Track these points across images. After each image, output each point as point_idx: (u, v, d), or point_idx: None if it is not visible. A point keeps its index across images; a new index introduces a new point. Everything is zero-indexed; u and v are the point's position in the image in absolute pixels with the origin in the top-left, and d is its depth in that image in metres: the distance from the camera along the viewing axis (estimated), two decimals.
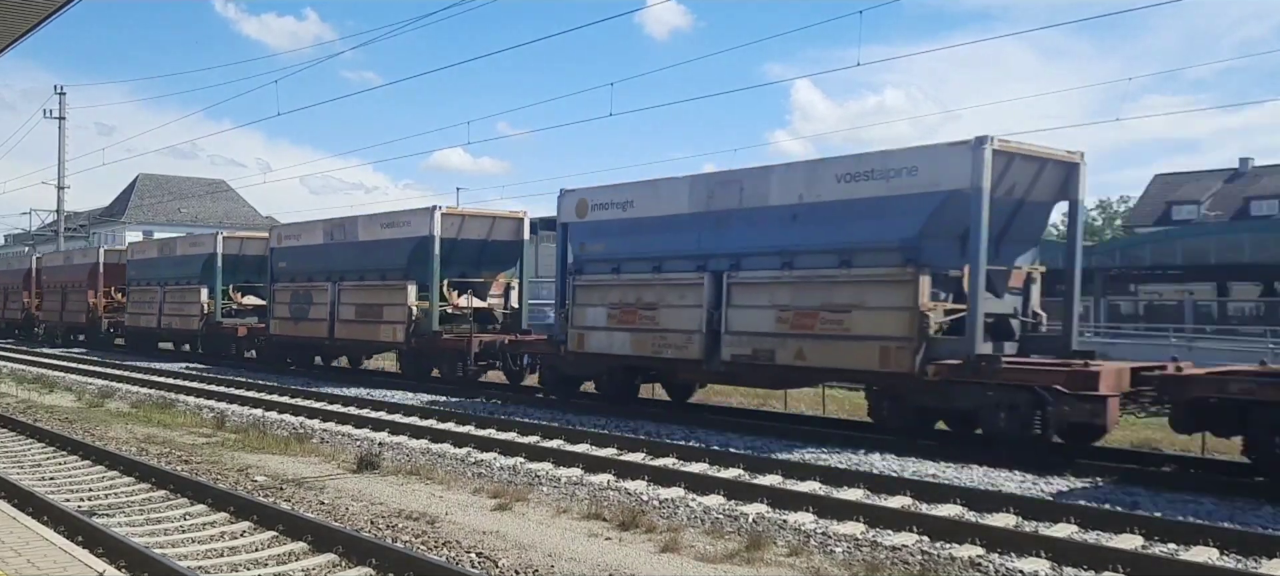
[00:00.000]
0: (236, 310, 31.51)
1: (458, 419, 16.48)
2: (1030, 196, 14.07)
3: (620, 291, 17.70)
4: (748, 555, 8.14)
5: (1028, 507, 9.67)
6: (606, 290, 17.91)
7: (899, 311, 13.55)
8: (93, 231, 76.52)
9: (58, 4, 10.68)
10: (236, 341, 30.48)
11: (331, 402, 18.95)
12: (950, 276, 13.71)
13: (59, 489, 10.63)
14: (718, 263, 16.15)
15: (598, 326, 17.98)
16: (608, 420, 16.37)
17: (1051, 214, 15.20)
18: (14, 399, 19.97)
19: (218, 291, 31.07)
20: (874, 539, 8.70)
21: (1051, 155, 13.98)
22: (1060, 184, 14.31)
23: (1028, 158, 13.62)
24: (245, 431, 15.12)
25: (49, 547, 6.96)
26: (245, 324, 30.30)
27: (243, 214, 76.97)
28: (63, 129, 52.72)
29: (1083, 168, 14.14)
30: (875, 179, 14.10)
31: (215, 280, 31.10)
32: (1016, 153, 13.37)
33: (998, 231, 13.68)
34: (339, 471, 11.89)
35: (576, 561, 7.93)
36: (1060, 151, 14.09)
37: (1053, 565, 7.88)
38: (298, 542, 8.16)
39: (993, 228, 13.29)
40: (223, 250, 31.34)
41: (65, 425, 15.64)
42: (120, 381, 23.73)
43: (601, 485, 11.10)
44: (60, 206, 55.31)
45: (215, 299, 31.06)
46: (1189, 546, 8.43)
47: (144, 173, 79.15)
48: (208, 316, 31.11)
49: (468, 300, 22.96)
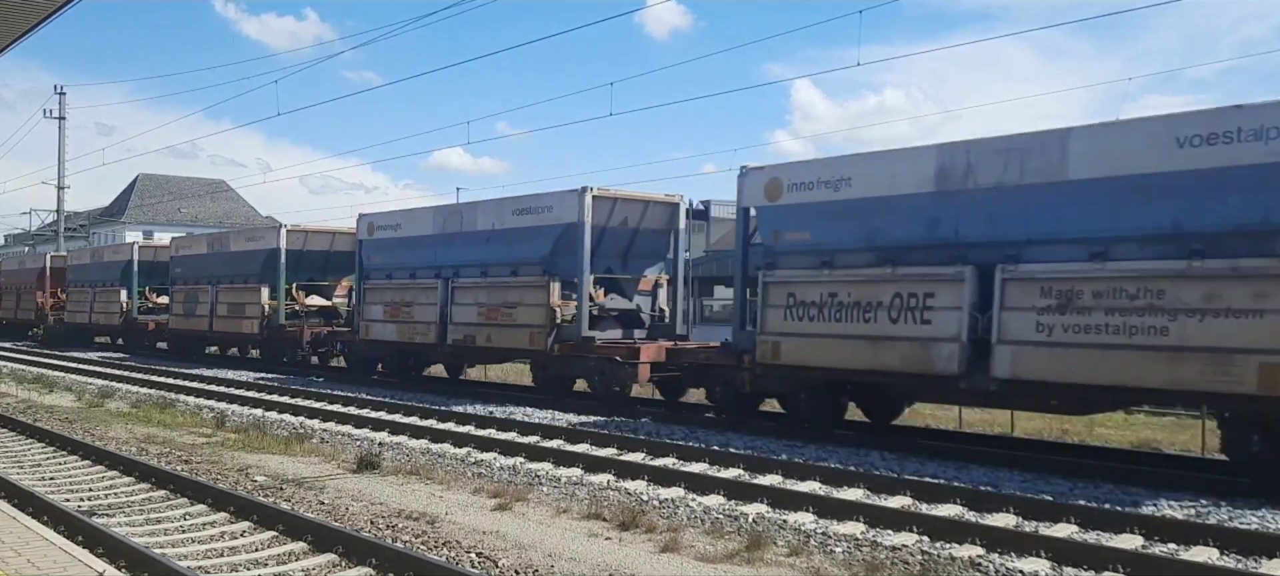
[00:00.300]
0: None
1: (457, 419, 16.48)
2: (643, 226, 19.47)
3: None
4: (748, 555, 8.14)
5: (1028, 507, 9.67)
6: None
7: (539, 307, 19.08)
8: (93, 231, 76.54)
9: (58, 4, 10.68)
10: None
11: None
12: (573, 282, 18.82)
13: (59, 489, 10.63)
14: None
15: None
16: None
17: (669, 238, 19.85)
18: (14, 399, 19.97)
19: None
20: (874, 539, 8.70)
21: (652, 198, 19.72)
22: (668, 217, 19.68)
23: (629, 200, 19.28)
24: (245, 431, 15.12)
25: (49, 547, 6.96)
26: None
27: (242, 214, 76.98)
28: (63, 129, 52.74)
29: (681, 206, 19.64)
30: (530, 213, 19.61)
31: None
32: (618, 197, 19.06)
33: (622, 249, 19.49)
34: (339, 471, 11.90)
35: (576, 561, 7.93)
36: (659, 195, 19.87)
37: (1053, 565, 7.88)
38: (298, 542, 8.16)
39: (615, 248, 19.29)
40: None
41: (65, 425, 15.64)
42: (120, 381, 23.73)
43: (601, 485, 11.10)
44: (60, 206, 55.31)
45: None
46: (1189, 546, 8.43)
47: (144, 173, 79.16)
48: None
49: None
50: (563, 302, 18.98)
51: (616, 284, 19.62)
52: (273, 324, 27.76)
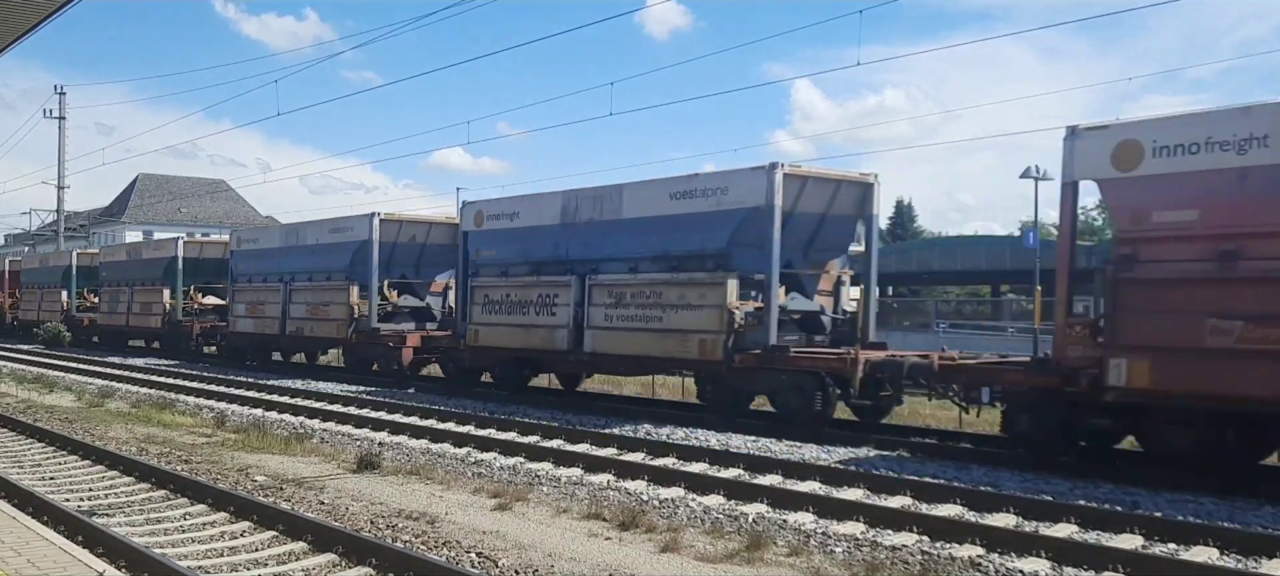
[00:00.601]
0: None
1: (458, 419, 16.47)
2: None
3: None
4: (748, 555, 8.14)
5: (1028, 507, 9.67)
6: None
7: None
8: (92, 231, 76.56)
9: (58, 4, 10.68)
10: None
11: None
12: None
13: (59, 488, 10.63)
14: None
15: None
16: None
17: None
18: (14, 399, 19.97)
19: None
20: (874, 539, 8.70)
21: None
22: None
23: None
24: (245, 431, 15.12)
25: (49, 547, 6.96)
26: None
27: (243, 214, 77.02)
28: (63, 129, 52.76)
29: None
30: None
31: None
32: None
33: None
34: (339, 471, 11.89)
35: (576, 561, 7.93)
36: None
37: (1053, 565, 7.88)
38: (298, 542, 8.16)
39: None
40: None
41: (65, 425, 15.64)
42: (120, 381, 23.72)
43: (601, 485, 11.10)
44: (60, 206, 55.33)
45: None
46: (1189, 546, 8.43)
47: (144, 172, 79.26)
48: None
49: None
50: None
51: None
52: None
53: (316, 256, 26.07)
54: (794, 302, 16.41)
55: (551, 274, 19.08)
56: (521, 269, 19.85)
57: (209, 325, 31.47)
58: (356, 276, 24.56)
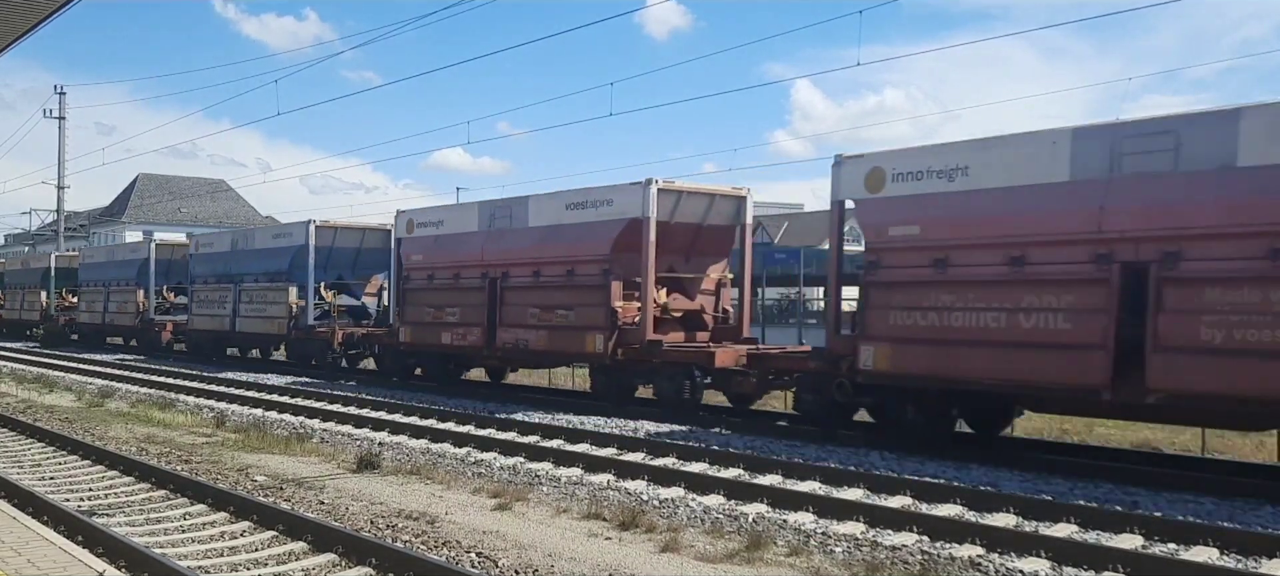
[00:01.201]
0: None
1: (458, 418, 16.47)
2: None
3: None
4: (748, 555, 8.14)
5: (1028, 507, 9.67)
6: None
7: None
8: (92, 231, 76.54)
9: (58, 4, 10.68)
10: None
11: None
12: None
13: (59, 488, 10.63)
14: None
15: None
16: None
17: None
18: (14, 398, 19.97)
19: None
20: (874, 539, 8.70)
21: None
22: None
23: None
24: (245, 431, 15.12)
25: (49, 547, 6.96)
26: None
27: (243, 214, 76.98)
28: (63, 129, 52.71)
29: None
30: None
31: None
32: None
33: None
34: (339, 471, 11.90)
35: (576, 561, 7.93)
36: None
37: (1053, 565, 7.88)
38: (298, 542, 8.16)
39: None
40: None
41: (65, 425, 15.64)
42: (120, 381, 23.72)
43: (601, 485, 11.10)
44: (60, 206, 55.31)
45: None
46: (1189, 546, 8.43)
47: (144, 172, 79.18)
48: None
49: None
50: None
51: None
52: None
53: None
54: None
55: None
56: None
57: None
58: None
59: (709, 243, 18.63)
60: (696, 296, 18.71)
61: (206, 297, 30.68)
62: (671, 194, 17.47)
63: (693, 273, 18.67)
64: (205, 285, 30.91)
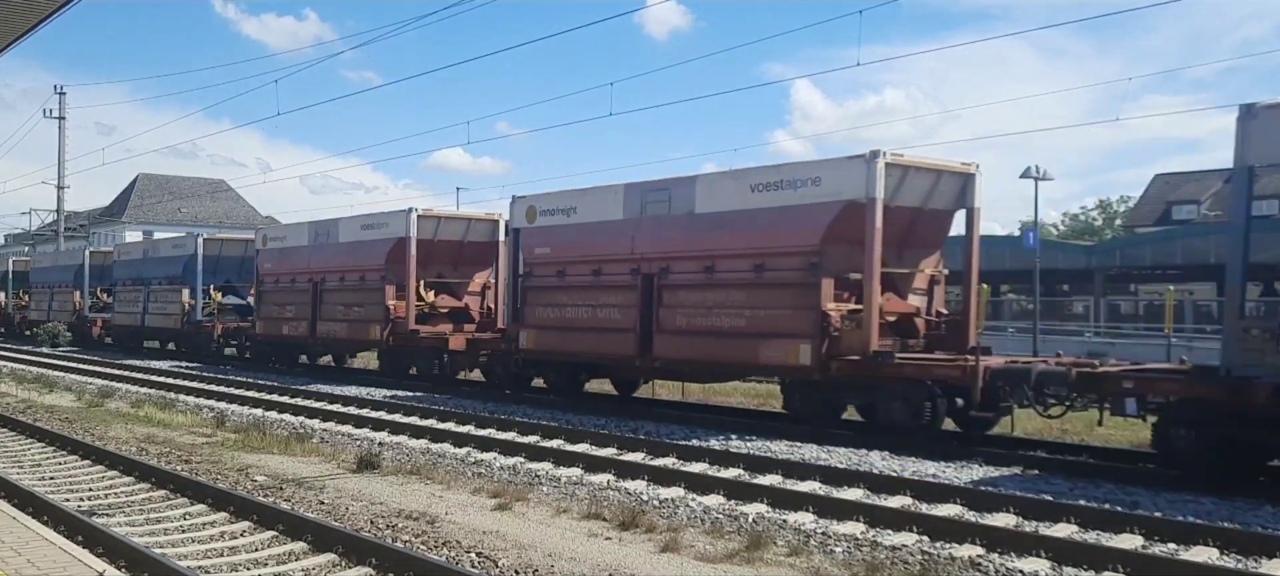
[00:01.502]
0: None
1: (458, 419, 16.48)
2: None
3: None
4: (748, 555, 8.14)
5: (1028, 507, 9.67)
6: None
7: None
8: (93, 231, 76.53)
9: (58, 4, 10.68)
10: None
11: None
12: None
13: (59, 488, 10.63)
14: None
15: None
16: None
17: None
18: (14, 398, 19.97)
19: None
20: (874, 538, 8.69)
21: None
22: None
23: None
24: (245, 431, 15.12)
25: (49, 547, 6.96)
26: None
27: (243, 214, 76.98)
28: (63, 129, 52.71)
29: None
30: None
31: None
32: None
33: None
34: (339, 471, 11.89)
35: (576, 561, 7.93)
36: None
37: (1053, 565, 7.88)
38: (298, 542, 8.16)
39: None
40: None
41: (65, 425, 15.64)
42: (120, 381, 23.73)
43: (601, 485, 11.10)
44: (60, 206, 55.31)
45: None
46: (1189, 546, 8.43)
47: (144, 172, 79.17)
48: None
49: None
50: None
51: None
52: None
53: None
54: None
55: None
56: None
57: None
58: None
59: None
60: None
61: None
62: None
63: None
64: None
